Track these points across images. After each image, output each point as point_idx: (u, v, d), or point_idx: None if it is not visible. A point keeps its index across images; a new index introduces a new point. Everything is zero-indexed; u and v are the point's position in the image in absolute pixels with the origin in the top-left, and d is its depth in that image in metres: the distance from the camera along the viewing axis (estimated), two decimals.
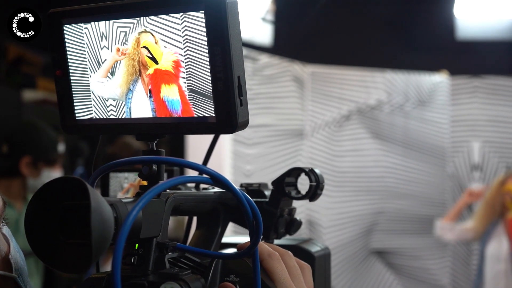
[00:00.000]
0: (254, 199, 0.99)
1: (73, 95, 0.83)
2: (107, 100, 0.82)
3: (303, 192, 0.97)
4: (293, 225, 0.99)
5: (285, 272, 0.78)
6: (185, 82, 0.75)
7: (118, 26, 0.78)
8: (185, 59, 0.75)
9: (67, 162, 3.90)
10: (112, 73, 0.80)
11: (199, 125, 0.75)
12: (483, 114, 5.33)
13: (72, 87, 0.83)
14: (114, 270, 0.60)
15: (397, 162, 5.02)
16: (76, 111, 0.83)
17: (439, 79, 5.27)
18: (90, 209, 0.60)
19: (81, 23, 0.80)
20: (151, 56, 0.77)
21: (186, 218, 1.03)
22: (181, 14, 0.73)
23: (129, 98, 0.80)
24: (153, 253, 0.74)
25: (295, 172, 0.98)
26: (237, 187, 1.00)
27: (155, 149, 0.80)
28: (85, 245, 0.60)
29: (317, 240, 1.02)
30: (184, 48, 0.74)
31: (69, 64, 0.82)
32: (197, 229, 0.92)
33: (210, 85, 0.73)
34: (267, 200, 0.97)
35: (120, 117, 0.81)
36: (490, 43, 5.76)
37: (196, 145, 3.92)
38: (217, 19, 0.71)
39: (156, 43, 0.76)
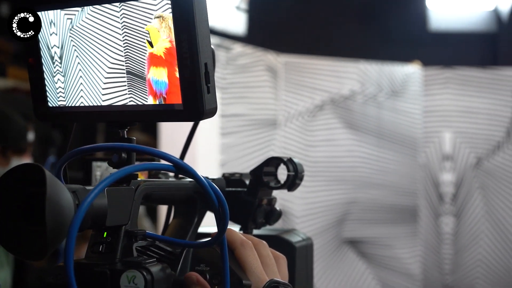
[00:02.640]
0: (234, 189, 0.98)
1: (46, 82, 0.82)
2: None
3: (283, 182, 0.96)
4: (273, 215, 0.99)
5: (257, 261, 0.78)
6: None
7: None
8: None
9: (39, 151, 3.86)
10: None
11: (166, 113, 0.74)
12: (454, 105, 5.38)
13: (45, 74, 0.82)
14: (67, 259, 0.60)
15: (370, 152, 5.05)
16: (48, 99, 0.83)
17: (412, 70, 5.30)
18: (45, 196, 0.59)
19: (49, 10, 0.79)
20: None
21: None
22: None
23: None
24: (121, 242, 0.73)
25: (273, 162, 0.97)
26: (220, 176, 0.99)
27: (126, 137, 0.79)
28: (43, 232, 0.60)
29: (300, 231, 1.02)
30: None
31: (41, 51, 0.81)
32: (174, 218, 0.92)
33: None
34: (245, 189, 0.97)
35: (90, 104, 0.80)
36: (462, 34, 5.82)
37: (170, 134, 3.90)
38: (183, 5, 0.70)
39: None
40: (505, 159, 5.31)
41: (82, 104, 0.80)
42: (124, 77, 0.77)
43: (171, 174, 0.98)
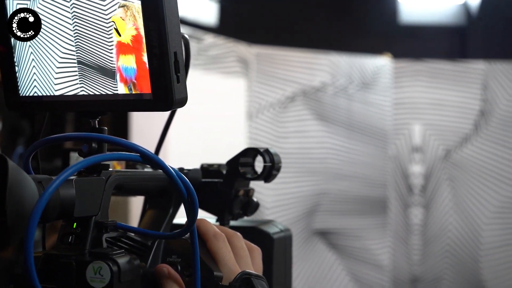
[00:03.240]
0: (210, 179, 0.97)
1: (17, 71, 0.81)
2: None
3: (260, 173, 0.96)
4: (250, 206, 0.98)
5: (229, 253, 0.77)
6: None
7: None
8: None
9: (8, 142, 3.81)
10: None
11: (135, 102, 0.74)
12: (424, 97, 5.43)
13: (16, 63, 0.81)
14: (26, 250, 0.59)
15: (340, 144, 5.07)
16: (19, 88, 0.82)
17: (382, 62, 5.33)
18: (6, 186, 0.58)
19: None
20: None
21: None
22: None
23: None
24: (90, 233, 0.72)
25: (250, 153, 0.96)
26: (197, 167, 0.98)
27: (97, 127, 0.78)
28: (3, 222, 0.59)
29: (278, 222, 1.02)
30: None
31: (12, 39, 0.80)
32: (148, 210, 0.91)
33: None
34: (221, 180, 0.96)
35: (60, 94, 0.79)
36: (432, 27, 5.86)
37: (141, 124, 3.88)
38: None
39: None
40: (473, 151, 5.38)
41: (36, 94, 0.80)
42: (75, 67, 0.77)
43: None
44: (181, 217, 0.91)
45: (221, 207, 0.94)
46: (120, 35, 0.73)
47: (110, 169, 0.76)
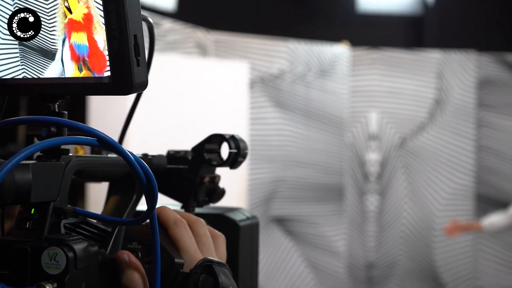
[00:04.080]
0: (176, 166, 0.96)
1: None
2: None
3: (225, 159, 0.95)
4: (216, 193, 0.97)
5: (191, 240, 0.76)
6: None
7: None
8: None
9: None
10: None
11: (94, 86, 0.72)
12: (381, 86, 5.48)
13: None
14: None
15: (298, 131, 5.09)
16: None
17: (340, 50, 5.36)
18: None
19: None
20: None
21: None
22: None
23: None
24: (49, 218, 0.71)
25: (216, 139, 0.95)
26: (163, 154, 0.96)
27: (56, 111, 0.76)
28: None
29: (245, 210, 1.01)
30: None
31: None
32: (112, 196, 0.89)
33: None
34: (187, 167, 0.95)
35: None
36: (390, 16, 5.92)
37: (98, 109, 3.83)
38: None
39: None
40: (428, 139, 5.46)
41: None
42: (16, 48, 0.76)
43: None
44: (145, 204, 0.90)
45: (186, 194, 0.93)
46: (71, 12, 0.72)
47: (70, 154, 0.75)
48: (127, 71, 0.69)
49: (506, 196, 5.43)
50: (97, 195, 3.66)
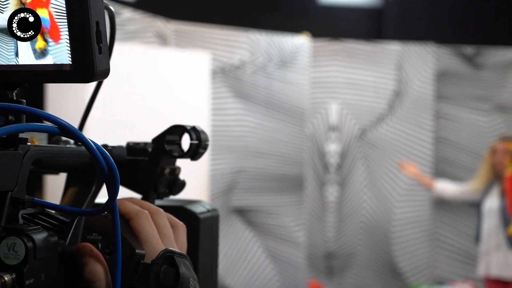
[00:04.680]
0: (135, 157, 0.95)
1: None
2: None
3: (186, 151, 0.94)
4: (176, 185, 0.97)
5: (153, 231, 0.76)
6: None
7: None
8: None
9: None
10: None
11: (54, 73, 0.71)
12: (341, 77, 5.51)
13: None
14: None
15: (259, 122, 5.09)
16: None
17: (301, 41, 5.37)
18: None
19: None
20: None
21: None
22: None
23: None
24: (6, 209, 0.69)
25: (177, 130, 0.94)
26: (122, 145, 0.95)
27: (15, 99, 0.74)
28: None
29: (205, 202, 1.00)
30: None
31: None
32: (71, 187, 0.88)
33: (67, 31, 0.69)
34: (147, 158, 0.94)
35: None
36: (350, 8, 5.95)
37: (56, 97, 3.77)
38: None
39: None
40: (387, 130, 5.52)
41: None
42: None
43: (72, 141, 0.94)
44: (105, 197, 0.89)
45: (146, 185, 0.92)
46: None
47: (29, 144, 0.73)
48: (89, 58, 0.68)
49: None
50: (54, 186, 3.61)
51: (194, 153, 0.94)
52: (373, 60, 5.51)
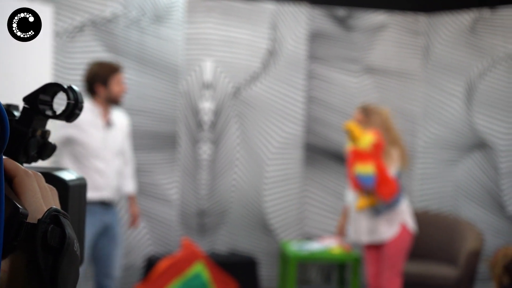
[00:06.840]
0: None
1: None
2: None
3: (60, 111, 0.87)
4: (47, 149, 0.90)
5: (37, 192, 0.73)
6: None
7: None
8: None
9: None
10: None
11: None
12: (216, 34, 5.47)
13: None
14: None
15: (131, 78, 4.96)
16: None
17: None
18: None
19: None
20: None
21: None
22: None
23: None
24: None
25: (51, 89, 0.87)
26: None
27: None
28: None
29: (73, 171, 0.96)
30: None
31: None
32: None
33: None
34: (16, 118, 0.86)
35: None
36: None
37: None
38: None
39: None
40: (261, 89, 5.56)
41: None
42: None
43: None
44: None
45: (15, 147, 0.85)
46: None
47: None
48: None
49: (332, 145, 5.69)
50: None
51: (71, 113, 0.88)
52: (248, 18, 5.50)
